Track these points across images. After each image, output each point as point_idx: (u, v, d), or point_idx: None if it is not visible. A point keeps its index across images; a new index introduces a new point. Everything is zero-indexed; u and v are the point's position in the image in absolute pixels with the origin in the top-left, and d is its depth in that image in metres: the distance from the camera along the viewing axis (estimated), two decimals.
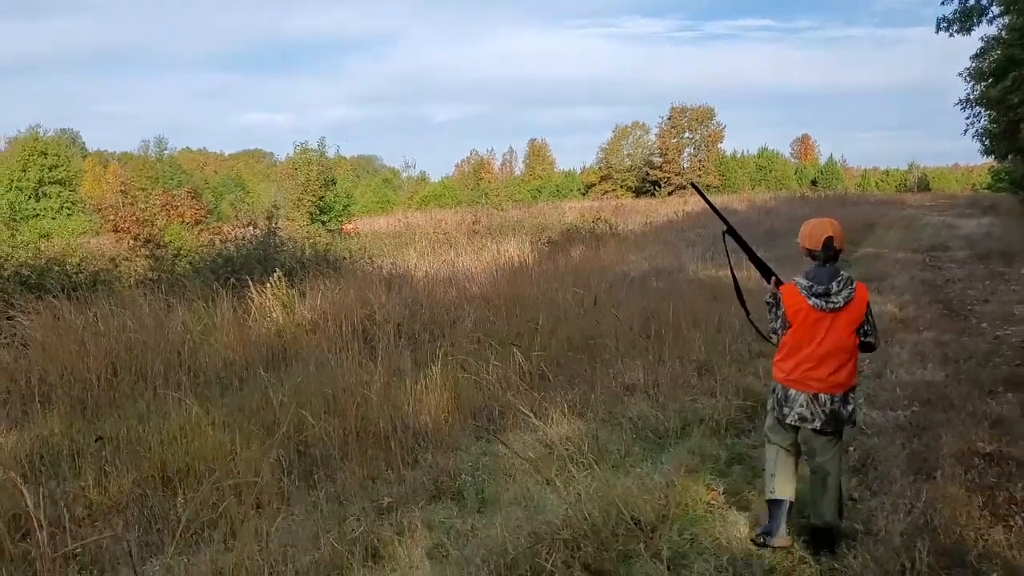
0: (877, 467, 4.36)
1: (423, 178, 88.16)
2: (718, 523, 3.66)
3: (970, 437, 4.73)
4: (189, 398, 5.02)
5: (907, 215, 30.76)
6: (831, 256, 3.48)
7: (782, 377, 3.50)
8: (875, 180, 75.51)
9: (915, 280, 12.69)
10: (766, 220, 26.60)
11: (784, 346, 3.50)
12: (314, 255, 17.87)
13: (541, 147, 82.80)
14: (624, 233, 23.96)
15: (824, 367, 3.39)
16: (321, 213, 24.37)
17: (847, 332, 3.42)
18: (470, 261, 17.17)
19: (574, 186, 74.29)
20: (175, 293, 9.87)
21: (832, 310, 3.39)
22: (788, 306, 3.45)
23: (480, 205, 37.64)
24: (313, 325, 8.54)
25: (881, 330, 9.11)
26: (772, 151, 75.78)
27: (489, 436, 4.92)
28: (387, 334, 8.36)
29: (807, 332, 3.40)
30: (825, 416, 3.41)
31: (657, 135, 72.25)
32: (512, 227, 25.43)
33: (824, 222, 3.54)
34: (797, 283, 3.47)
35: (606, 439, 4.74)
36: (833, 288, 3.40)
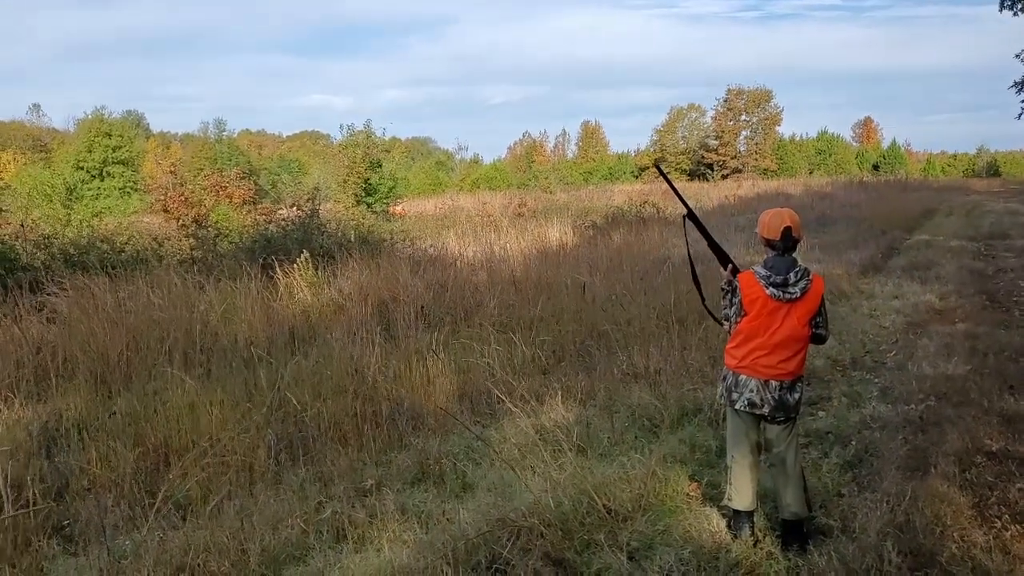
0: (872, 462, 4.25)
1: (476, 160, 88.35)
2: (693, 515, 3.62)
3: (978, 434, 4.57)
4: (193, 377, 5.17)
5: (970, 201, 29.61)
6: (789, 246, 3.43)
7: (734, 364, 3.47)
8: (941, 165, 72.50)
9: (963, 270, 12.23)
10: (819, 205, 25.95)
11: (738, 334, 3.46)
12: (356, 237, 18.18)
13: (594, 129, 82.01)
14: (672, 217, 23.64)
15: (776, 355, 3.37)
16: (367, 195, 24.67)
17: (801, 323, 3.38)
18: (510, 244, 17.22)
19: (627, 169, 73.37)
20: (207, 273, 10.17)
21: (788, 300, 3.34)
22: (745, 294, 3.40)
23: (529, 188, 37.61)
24: (337, 306, 8.69)
25: (915, 321, 9.02)
26: (832, 134, 73.51)
27: (486, 421, 4.96)
28: (408, 316, 8.48)
29: (763, 321, 3.36)
30: (775, 402, 3.39)
31: (713, 117, 70.84)
32: (558, 210, 25.34)
33: (782, 212, 3.47)
34: (755, 272, 3.43)
35: (600, 426, 4.73)
36: (791, 278, 3.36)
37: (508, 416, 4.97)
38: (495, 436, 4.63)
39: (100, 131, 55.35)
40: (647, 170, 69.81)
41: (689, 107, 73.41)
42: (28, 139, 62.47)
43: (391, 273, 10.25)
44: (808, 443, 4.72)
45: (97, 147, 54.48)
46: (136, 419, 4.82)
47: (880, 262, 13.60)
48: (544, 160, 77.45)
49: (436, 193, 55.38)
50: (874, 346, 7.61)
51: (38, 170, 40.85)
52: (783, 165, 66.36)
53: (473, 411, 5.10)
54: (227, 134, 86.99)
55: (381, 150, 26.55)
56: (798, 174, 59.92)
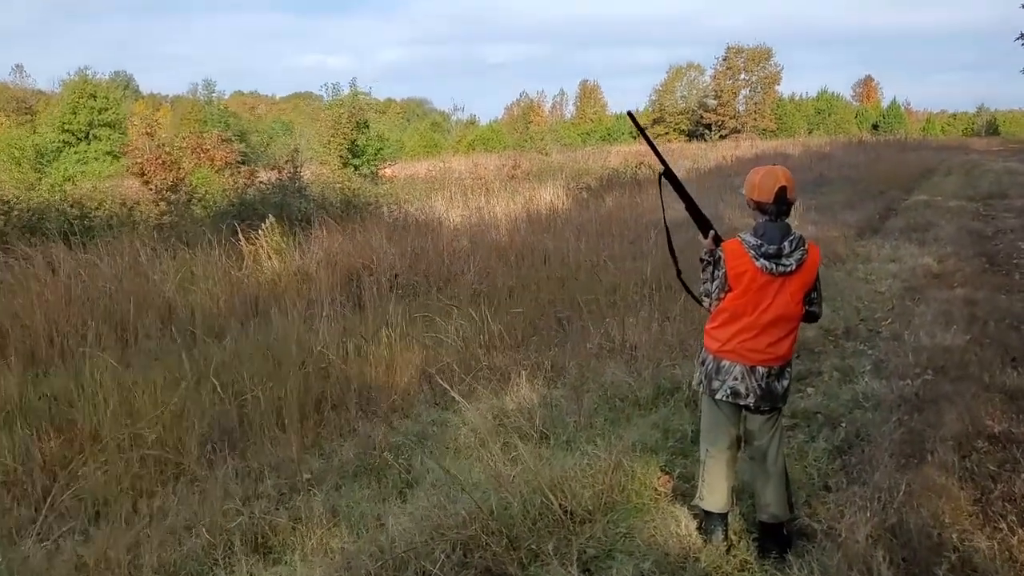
0: (864, 448, 3.86)
1: (472, 121, 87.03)
2: (661, 515, 3.23)
3: (978, 414, 4.18)
4: (136, 354, 4.76)
5: (969, 161, 29.03)
6: (783, 210, 2.93)
7: (716, 347, 3.01)
8: (940, 124, 71.44)
9: (962, 231, 11.81)
10: (817, 166, 25.44)
11: (721, 312, 3.00)
12: (340, 200, 17.67)
13: (592, 89, 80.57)
14: None
15: (765, 337, 2.92)
16: (353, 157, 24.02)
17: (795, 299, 2.93)
18: (499, 208, 16.74)
19: (625, 129, 72.27)
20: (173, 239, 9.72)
21: (782, 274, 2.88)
22: (731, 267, 2.93)
23: (525, 149, 36.86)
24: (305, 275, 8.26)
25: (912, 286, 8.62)
26: (832, 94, 72.36)
27: (447, 403, 4.56)
28: (381, 285, 8.06)
29: (751, 298, 2.90)
30: (760, 391, 2.95)
31: (712, 77, 69.61)
32: (552, 172, 24.75)
33: (775, 170, 2.98)
34: (743, 241, 2.94)
35: (567, 409, 4.33)
36: (785, 248, 2.88)
37: (471, 397, 4.58)
38: (453, 421, 4.24)
39: (85, 92, 54.16)
40: (646, 131, 68.69)
41: (688, 66, 72.13)
42: (12, 101, 61.11)
43: (364, 240, 9.80)
44: (795, 425, 4.34)
45: (82, 109, 53.32)
46: (65, 402, 4.42)
47: (877, 223, 13.19)
48: (542, 121, 76.21)
49: (431, 155, 54.47)
50: (869, 313, 7.22)
51: (5, 131, 39.84)
52: (782, 125, 65.45)
53: (433, 392, 4.70)
54: (216, 95, 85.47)
55: (368, 110, 25.83)
56: (797, 134, 59.08)
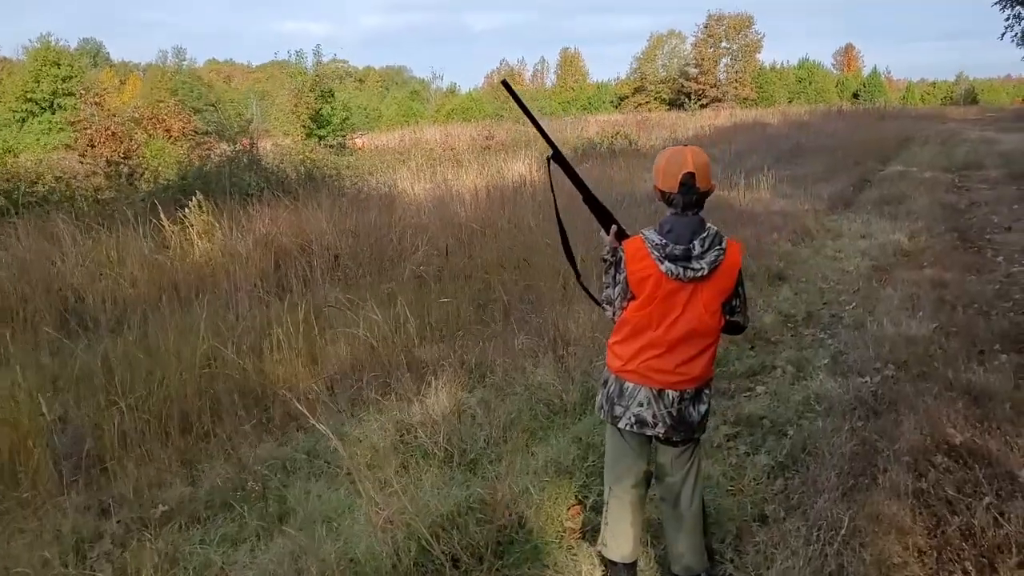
0: (809, 465, 3.41)
1: (452, 90, 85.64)
2: (562, 558, 2.76)
3: (939, 419, 3.74)
4: None
5: (946, 130, 28.70)
6: (692, 201, 2.39)
7: (618, 367, 2.48)
8: (920, 93, 71.14)
9: (935, 204, 11.42)
10: (795, 135, 25.00)
11: (624, 324, 2.48)
12: (299, 173, 16.99)
13: (573, 57, 79.33)
14: (645, 149, 22.62)
15: (675, 356, 2.40)
16: (318, 127, 23.21)
17: (710, 309, 2.40)
18: (469, 180, 16.17)
19: (607, 98, 71.39)
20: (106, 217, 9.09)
21: (692, 279, 2.36)
22: (632, 270, 2.40)
23: (504, 119, 35.98)
24: (234, 257, 7.67)
25: (881, 265, 8.19)
26: (813, 62, 71.68)
27: (351, 409, 4.06)
28: (314, 268, 7.50)
29: (656, 308, 2.39)
30: (671, 419, 2.44)
31: (693, 45, 68.70)
32: (527, 143, 24.09)
33: (683, 151, 2.44)
34: (646, 238, 2.41)
35: (482, 418, 3.83)
36: (695, 248, 2.35)
37: (380, 403, 4.07)
38: (353, 435, 3.73)
39: (48, 60, 52.45)
40: (627, 99, 67.97)
41: (669, 34, 71.20)
42: None
43: (307, 216, 9.20)
44: (736, 435, 3.88)
45: (45, 77, 51.67)
46: None
47: (851, 196, 12.79)
48: (522, 90, 75.07)
49: (409, 124, 53.43)
50: (834, 296, 6.79)
51: None
52: (763, 94, 64.90)
53: (333, 398, 4.18)
54: (187, 63, 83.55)
55: (333, 78, 24.94)
56: (777, 103, 58.60)
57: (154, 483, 3.35)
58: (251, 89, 78.81)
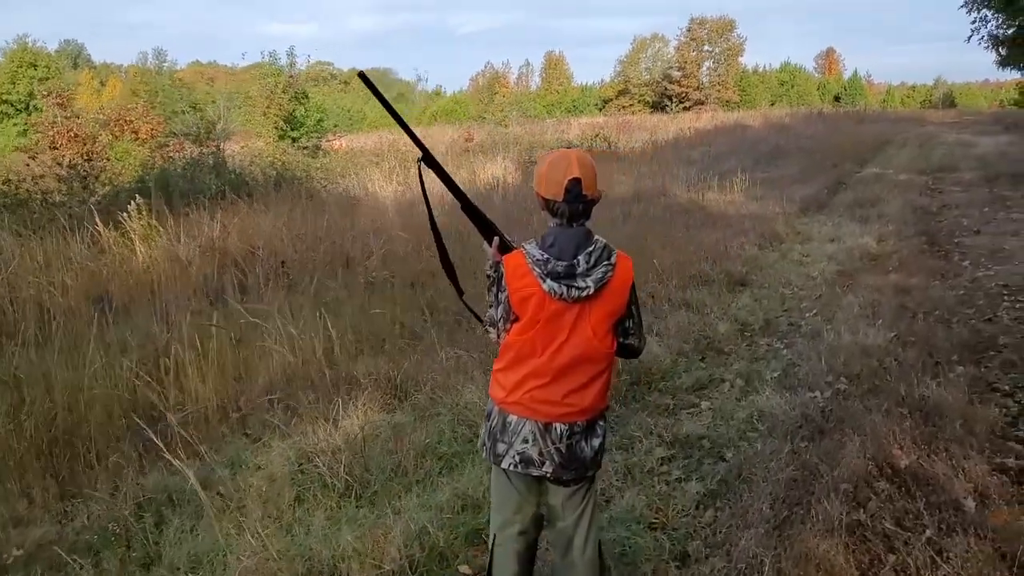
0: (742, 496, 3.13)
1: (438, 92, 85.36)
2: None
3: (887, 440, 3.49)
4: None
5: (924, 132, 28.70)
6: (579, 210, 2.10)
7: (501, 397, 2.18)
8: (900, 96, 71.68)
9: (907, 207, 11.25)
10: (775, 138, 24.92)
11: (507, 350, 2.17)
12: (268, 175, 16.65)
13: (558, 60, 79.24)
14: (625, 151, 22.43)
15: (561, 385, 2.11)
16: (291, 129, 22.79)
17: (599, 332, 2.12)
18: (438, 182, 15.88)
19: (591, 101, 71.34)
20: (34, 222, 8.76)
21: (577, 299, 2.08)
22: (513, 288, 2.10)
23: (486, 121, 35.66)
24: (177, 263, 7.34)
25: (847, 270, 7.96)
26: (795, 65, 71.94)
27: (257, 432, 3.75)
28: (257, 275, 7.18)
29: (540, 332, 2.10)
30: (560, 457, 2.14)
31: (676, 48, 68.80)
32: (506, 145, 23.82)
33: (568, 154, 2.13)
34: (527, 253, 2.11)
35: (395, 445, 3.53)
36: (580, 264, 2.06)
37: (289, 425, 3.76)
38: (253, 462, 3.43)
39: (24, 61, 51.77)
40: (611, 102, 67.92)
41: (653, 37, 71.24)
42: None
43: (257, 221, 8.88)
44: (671, 457, 3.60)
45: (21, 78, 50.97)
46: None
47: (825, 198, 12.63)
48: (507, 92, 74.86)
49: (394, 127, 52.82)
50: (795, 303, 6.55)
51: None
52: (745, 97, 65.07)
53: (243, 423, 3.86)
54: (168, 65, 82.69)
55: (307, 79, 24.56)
56: (760, 106, 58.71)
57: (23, 520, 3.03)
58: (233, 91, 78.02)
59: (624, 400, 4.26)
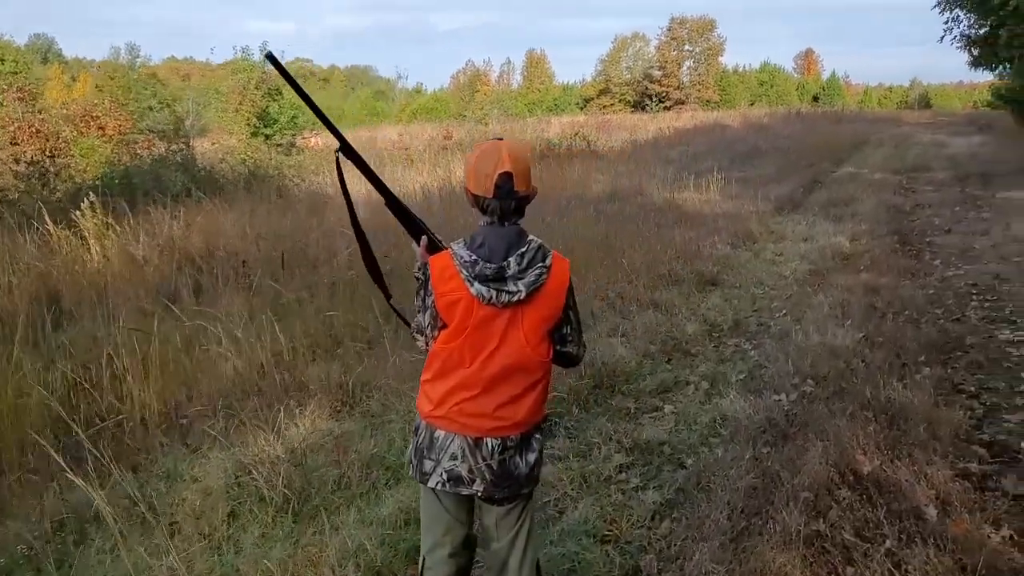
0: (699, 505, 3.01)
1: (418, 90, 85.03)
2: None
3: (851, 445, 3.38)
4: None
5: (900, 133, 28.92)
6: (511, 208, 1.94)
7: (428, 411, 2.03)
8: (877, 97, 72.37)
9: (881, 206, 11.23)
10: (753, 137, 24.96)
11: (434, 359, 2.02)
12: (236, 173, 16.40)
13: (539, 59, 79.14)
14: (604, 150, 22.37)
15: (492, 397, 1.95)
16: (264, 126, 22.47)
17: (533, 340, 1.96)
18: (421, 180, 15.72)
19: (572, 100, 71.35)
20: None
21: (508, 304, 1.92)
22: (439, 292, 1.94)
23: (466, 119, 35.46)
24: (133, 264, 7.11)
25: (818, 269, 7.89)
26: (774, 66, 72.37)
27: (198, 442, 3.57)
28: (214, 276, 6.98)
29: (469, 339, 1.94)
30: (492, 474, 1.98)
31: (656, 47, 68.97)
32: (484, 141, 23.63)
33: (498, 146, 1.96)
34: (454, 254, 1.95)
35: (339, 455, 3.37)
36: (511, 266, 1.90)
37: (235, 432, 3.59)
38: (190, 474, 3.25)
39: None
40: (592, 101, 67.96)
41: (633, 36, 71.36)
42: None
43: (220, 220, 8.67)
44: (629, 464, 3.47)
45: None
46: None
47: (800, 197, 12.60)
48: (488, 90, 74.66)
49: (373, 123, 52.58)
50: (766, 303, 6.46)
51: None
52: (725, 96, 65.35)
53: (184, 432, 3.67)
54: (141, 61, 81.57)
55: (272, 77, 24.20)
56: (739, 105, 59.00)
57: None
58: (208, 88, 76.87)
59: (585, 404, 4.12)
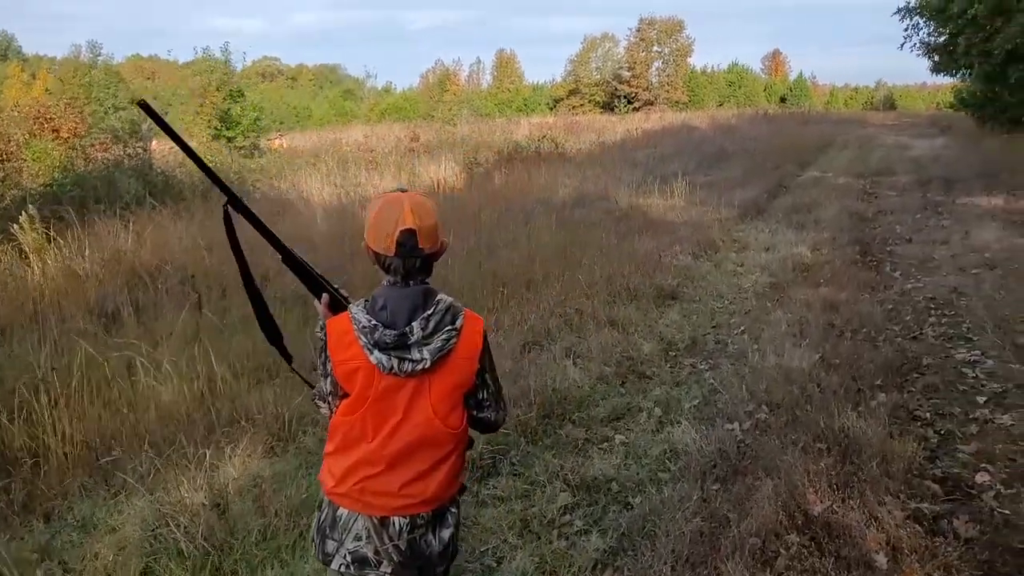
0: (643, 553, 2.88)
1: (388, 89, 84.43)
2: None
3: (801, 481, 3.28)
4: None
5: (865, 134, 29.24)
6: (415, 266, 1.78)
7: (330, 487, 1.85)
8: (843, 98, 73.35)
9: (844, 212, 11.27)
10: (721, 139, 25.08)
11: (335, 431, 1.84)
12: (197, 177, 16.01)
13: (509, 59, 79.05)
14: (572, 152, 22.29)
15: (397, 474, 1.79)
16: (226, 128, 22.06)
17: (442, 411, 1.80)
18: (386, 184, 15.49)
19: (542, 100, 71.37)
20: None
21: (412, 373, 1.76)
22: (338, 360, 1.77)
23: (435, 119, 35.20)
24: (70, 280, 6.83)
25: (779, 282, 7.84)
26: (743, 67, 73.01)
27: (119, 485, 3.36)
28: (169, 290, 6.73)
29: (370, 411, 1.77)
30: (401, 555, 1.80)
31: (626, 48, 69.29)
32: (452, 145, 23.46)
33: (400, 200, 1.77)
34: (353, 318, 1.77)
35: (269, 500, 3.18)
36: (414, 332, 1.73)
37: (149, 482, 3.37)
38: (107, 523, 3.04)
39: None
40: (562, 101, 68.02)
41: (603, 37, 71.61)
42: None
43: (171, 230, 8.39)
44: (575, 505, 3.33)
45: None
46: None
47: (764, 203, 12.60)
48: (458, 90, 74.37)
49: (341, 123, 52.06)
50: (725, 318, 6.38)
51: None
52: (694, 97, 65.80)
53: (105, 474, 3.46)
54: (103, 58, 79.96)
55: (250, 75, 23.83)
56: (707, 106, 59.45)
57: None
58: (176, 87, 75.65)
59: (534, 435, 3.97)
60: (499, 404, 1.94)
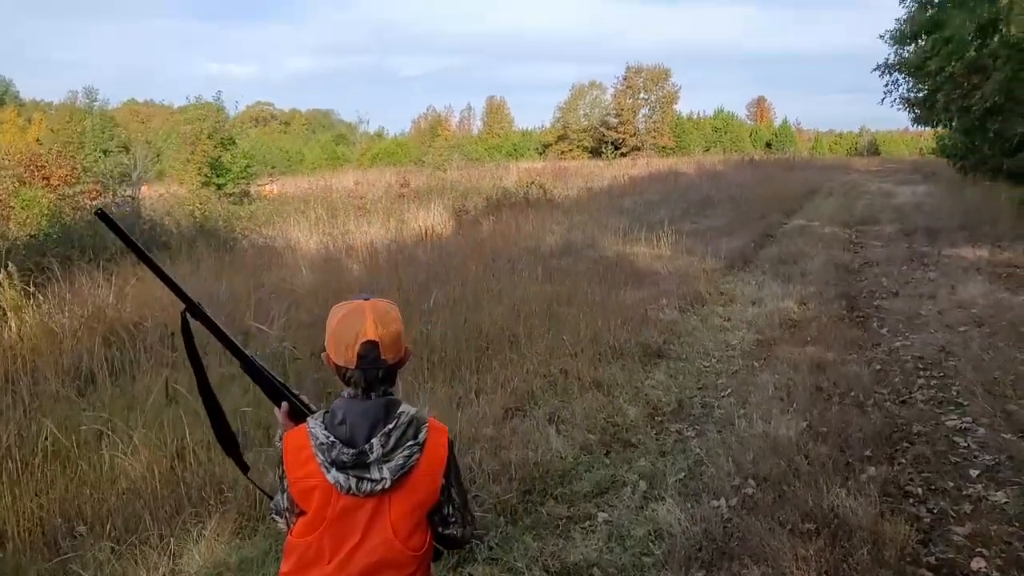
0: None
1: (380, 134, 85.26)
2: None
3: (791, 569, 3.16)
4: None
5: (850, 181, 29.64)
6: (377, 376, 1.70)
7: None
8: (828, 143, 74.66)
9: (830, 264, 11.27)
10: (707, 186, 25.32)
11: (290, 552, 1.73)
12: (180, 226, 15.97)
13: (499, 105, 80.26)
14: (560, 198, 22.43)
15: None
16: (217, 175, 22.09)
17: (404, 531, 1.69)
18: (373, 232, 15.47)
19: (531, 145, 72.27)
20: None
21: (371, 493, 1.66)
22: (293, 476, 1.68)
23: (426, 165, 35.45)
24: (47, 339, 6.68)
25: (766, 339, 7.78)
26: (728, 113, 74.28)
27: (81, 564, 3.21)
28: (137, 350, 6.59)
29: (327, 533, 1.66)
30: None
31: (613, 95, 70.47)
32: (442, 191, 23.57)
33: (362, 309, 1.71)
34: (310, 433, 1.68)
35: None
36: (374, 450, 1.64)
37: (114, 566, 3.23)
38: None
39: None
40: (551, 147, 68.88)
41: (591, 84, 72.93)
42: None
43: (147, 284, 8.26)
44: None
45: None
46: None
47: (751, 253, 12.61)
48: (449, 135, 75.23)
49: (333, 168, 52.38)
50: (712, 379, 6.28)
51: None
52: (680, 143, 66.74)
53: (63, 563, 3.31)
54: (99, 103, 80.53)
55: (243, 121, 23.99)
56: (694, 152, 60.26)
57: None
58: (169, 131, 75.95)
59: (514, 515, 3.84)
60: (466, 519, 1.83)
